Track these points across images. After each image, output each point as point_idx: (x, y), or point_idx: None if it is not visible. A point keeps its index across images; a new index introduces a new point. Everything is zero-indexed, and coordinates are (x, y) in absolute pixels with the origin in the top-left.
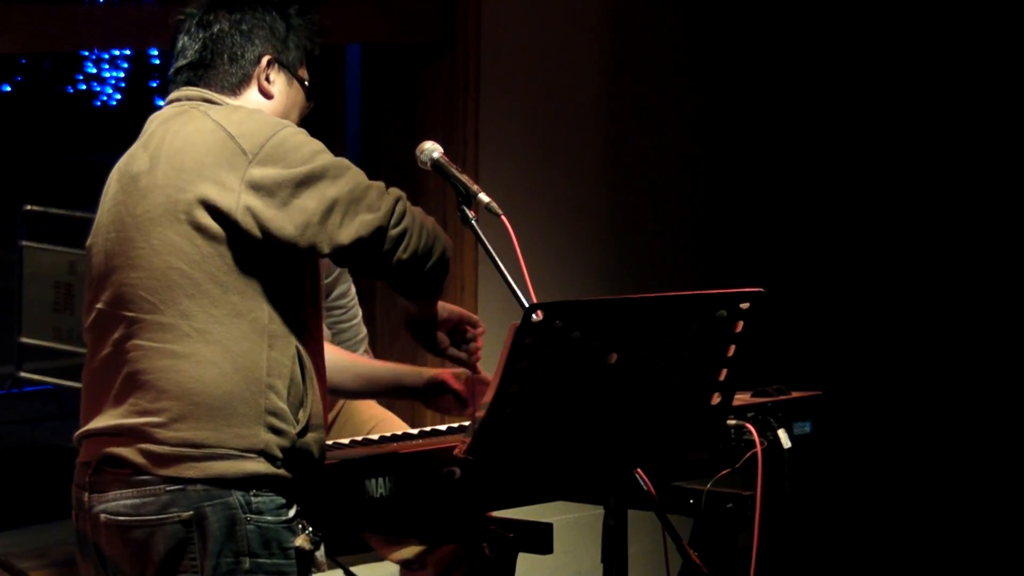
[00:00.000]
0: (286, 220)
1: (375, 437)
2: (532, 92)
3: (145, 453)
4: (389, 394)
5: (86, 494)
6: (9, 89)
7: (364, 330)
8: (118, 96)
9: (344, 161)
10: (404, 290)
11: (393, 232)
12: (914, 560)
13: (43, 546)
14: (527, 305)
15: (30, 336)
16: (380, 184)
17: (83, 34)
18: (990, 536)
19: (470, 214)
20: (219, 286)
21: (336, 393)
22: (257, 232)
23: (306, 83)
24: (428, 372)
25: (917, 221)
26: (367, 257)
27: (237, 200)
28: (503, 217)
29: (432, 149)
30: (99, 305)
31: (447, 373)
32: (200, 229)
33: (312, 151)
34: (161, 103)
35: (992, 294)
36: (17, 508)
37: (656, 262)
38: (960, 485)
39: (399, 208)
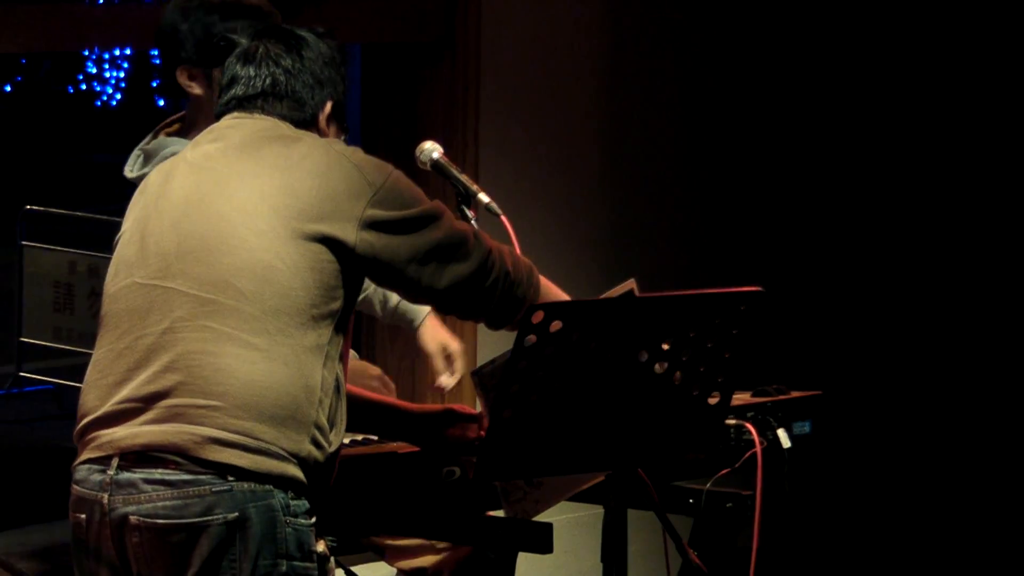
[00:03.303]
0: (395, 253)
1: (375, 437)
2: (532, 92)
3: (195, 436)
4: (383, 418)
5: (105, 496)
6: (9, 89)
7: None
8: (119, 96)
9: (440, 206)
10: (493, 326)
11: (486, 283)
12: (914, 560)
13: (43, 546)
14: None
15: (30, 336)
16: (469, 230)
17: (83, 34)
18: (990, 536)
19: (470, 214)
20: (308, 297)
21: None
22: (371, 258)
23: (344, 126)
24: (429, 406)
25: (916, 221)
26: (457, 303)
27: (356, 234)
28: (503, 217)
29: (432, 149)
30: (155, 282)
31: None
32: (310, 244)
33: (417, 196)
34: (161, 103)
35: (992, 294)
36: (17, 508)
37: (655, 262)
38: (960, 485)
39: (489, 261)
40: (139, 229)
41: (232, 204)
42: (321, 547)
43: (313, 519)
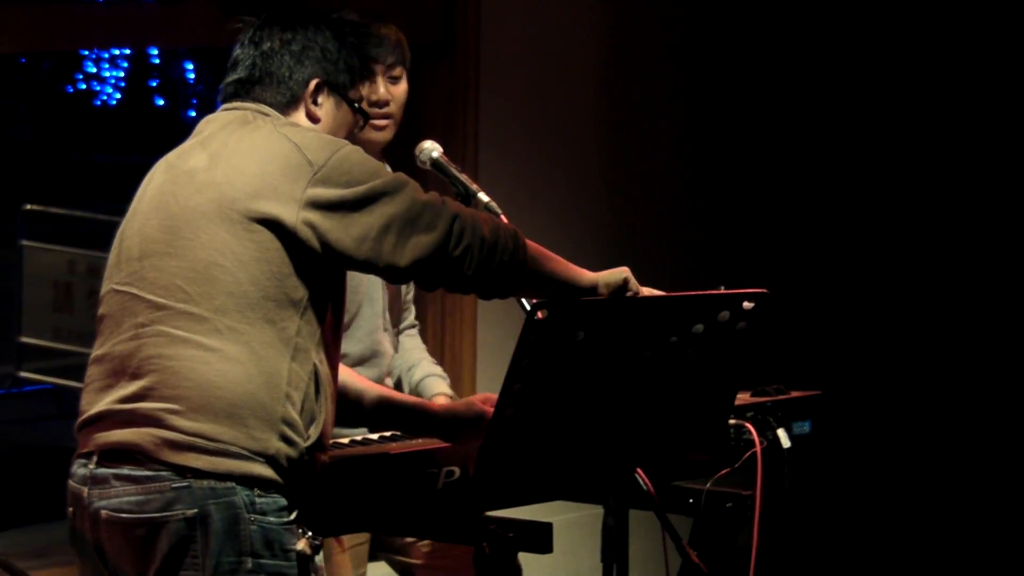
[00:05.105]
0: (343, 233)
1: (375, 437)
2: (532, 92)
3: (154, 438)
4: (409, 419)
5: (86, 490)
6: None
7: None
8: (118, 95)
9: (402, 177)
10: (486, 295)
11: (455, 253)
12: (914, 560)
13: (43, 546)
14: (528, 305)
15: (30, 336)
16: (435, 199)
17: (83, 34)
18: (990, 536)
19: None
20: (259, 290)
21: (354, 417)
22: (316, 245)
23: (356, 104)
24: (461, 405)
25: (916, 222)
26: (429, 277)
27: (297, 216)
28: (503, 217)
29: (431, 148)
30: (124, 288)
31: (480, 403)
32: (253, 232)
33: (371, 170)
34: (160, 102)
35: (992, 294)
36: (17, 508)
37: (656, 262)
38: (960, 485)
39: (456, 228)
40: (120, 232)
41: (180, 204)
42: (302, 545)
43: (291, 516)
